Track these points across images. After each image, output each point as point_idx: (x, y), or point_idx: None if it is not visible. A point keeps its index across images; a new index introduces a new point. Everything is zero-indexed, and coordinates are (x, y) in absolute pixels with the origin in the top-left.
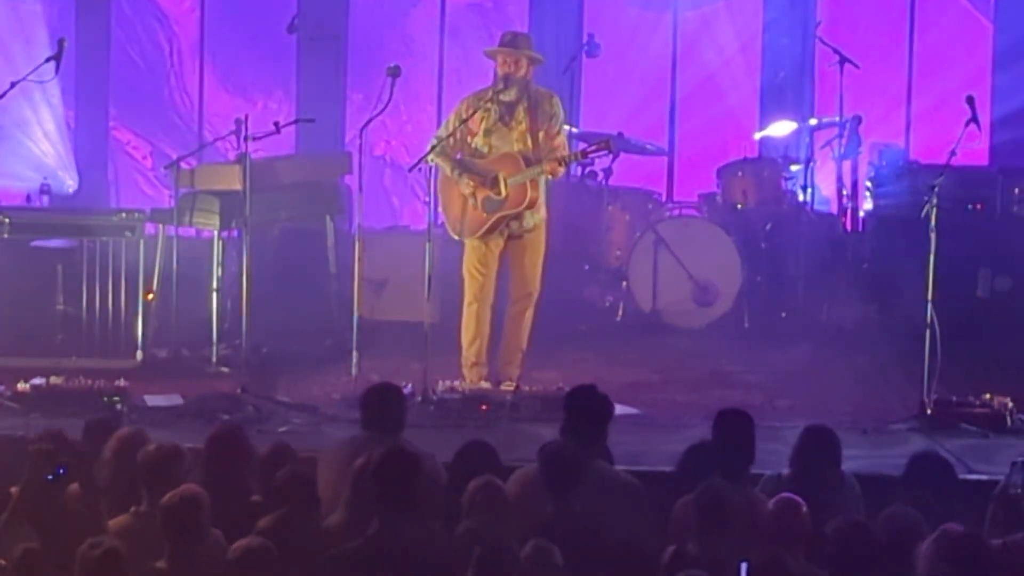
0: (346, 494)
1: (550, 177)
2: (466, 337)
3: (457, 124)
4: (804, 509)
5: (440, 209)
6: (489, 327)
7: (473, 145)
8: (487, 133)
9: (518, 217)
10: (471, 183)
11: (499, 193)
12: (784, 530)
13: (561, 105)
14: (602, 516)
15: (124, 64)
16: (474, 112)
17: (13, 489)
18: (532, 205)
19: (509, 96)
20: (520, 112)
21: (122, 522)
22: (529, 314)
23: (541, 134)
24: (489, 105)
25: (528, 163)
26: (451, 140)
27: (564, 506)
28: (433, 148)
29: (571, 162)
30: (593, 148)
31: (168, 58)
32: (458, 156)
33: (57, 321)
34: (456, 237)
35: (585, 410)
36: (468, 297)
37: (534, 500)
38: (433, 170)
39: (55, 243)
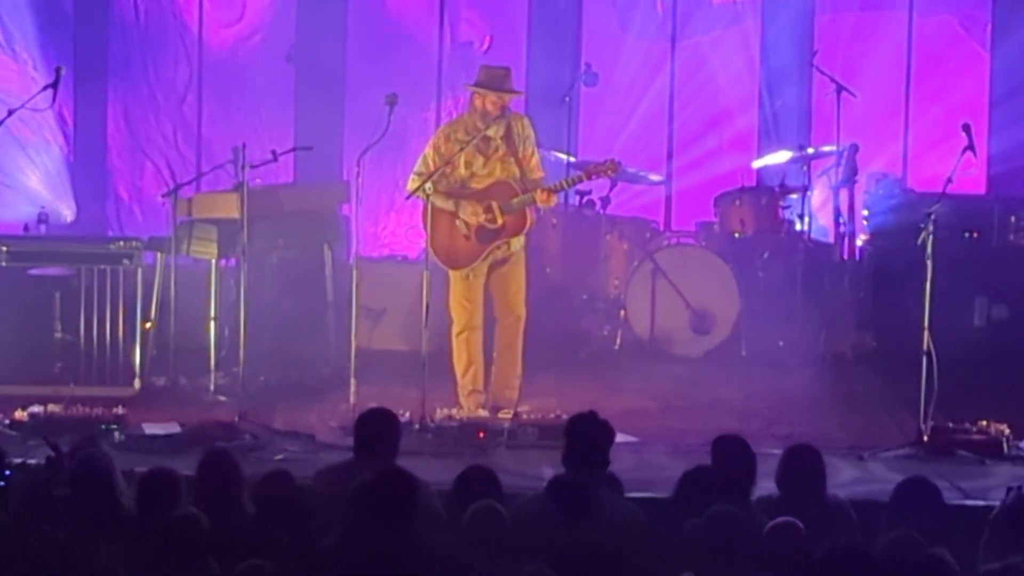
0: (343, 517)
1: (542, 207)
2: (460, 366)
3: (436, 158)
4: (802, 531)
5: (427, 241)
6: (482, 353)
7: (454, 176)
8: (467, 164)
9: (507, 242)
10: (473, 210)
11: (493, 222)
12: (781, 553)
13: (532, 126)
14: (605, 543)
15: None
16: (460, 149)
17: None
18: (528, 231)
19: (499, 133)
20: (497, 138)
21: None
22: (519, 337)
23: (520, 156)
24: (460, 136)
25: (524, 189)
26: (432, 174)
27: (571, 533)
28: (424, 181)
29: (562, 189)
30: (596, 169)
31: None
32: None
33: (55, 349)
34: (446, 268)
35: (587, 437)
36: (458, 327)
37: (538, 527)
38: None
39: (53, 271)
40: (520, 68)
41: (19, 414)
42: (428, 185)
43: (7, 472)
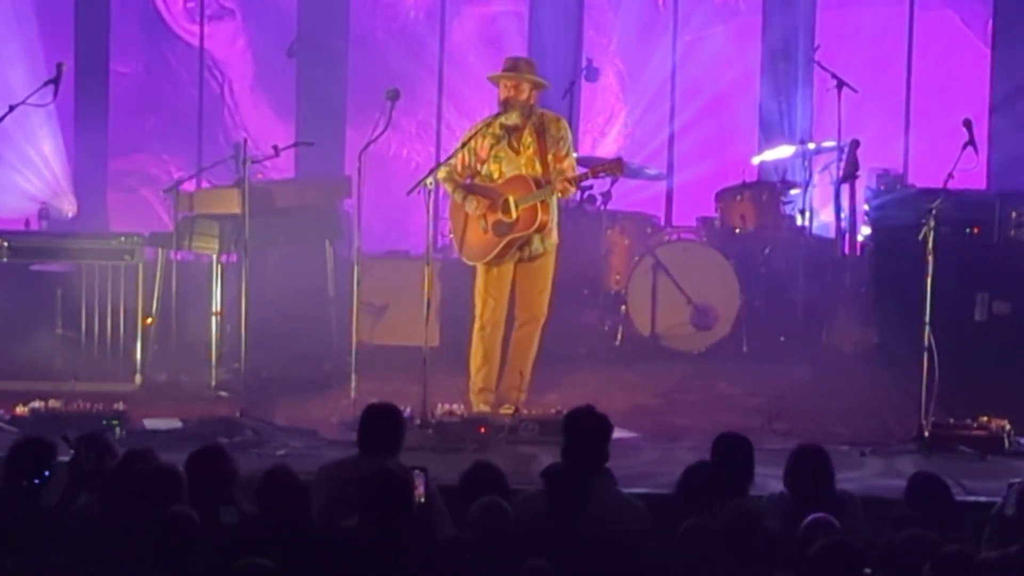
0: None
1: (560, 196)
2: (474, 363)
3: (460, 148)
4: (837, 527)
5: (450, 234)
6: (498, 353)
7: (483, 171)
8: (496, 159)
9: (528, 242)
10: (478, 205)
11: (509, 216)
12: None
13: (569, 128)
14: (605, 536)
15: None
16: (474, 134)
17: None
18: (542, 228)
19: (511, 120)
20: (527, 136)
21: None
22: (535, 339)
23: (550, 157)
24: (495, 131)
25: (539, 185)
26: (459, 166)
27: (568, 526)
28: (432, 171)
29: (582, 182)
30: (604, 168)
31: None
32: (468, 181)
33: (56, 345)
34: (467, 262)
35: (584, 431)
36: (477, 322)
37: (537, 520)
38: (432, 193)
39: (54, 267)
40: None
41: (20, 410)
42: (430, 180)
43: (46, 473)
